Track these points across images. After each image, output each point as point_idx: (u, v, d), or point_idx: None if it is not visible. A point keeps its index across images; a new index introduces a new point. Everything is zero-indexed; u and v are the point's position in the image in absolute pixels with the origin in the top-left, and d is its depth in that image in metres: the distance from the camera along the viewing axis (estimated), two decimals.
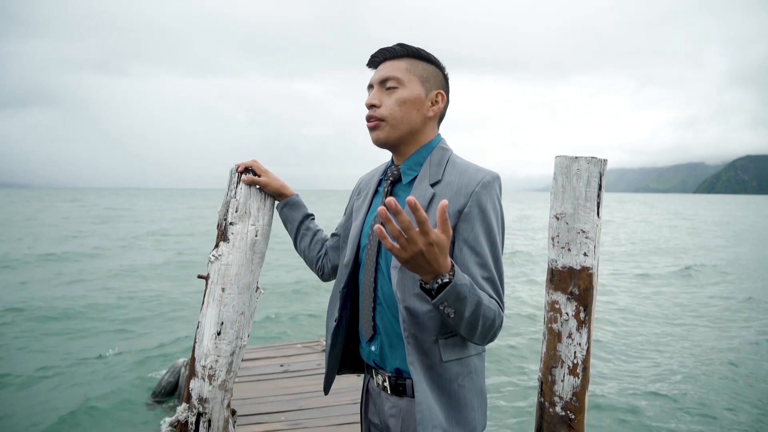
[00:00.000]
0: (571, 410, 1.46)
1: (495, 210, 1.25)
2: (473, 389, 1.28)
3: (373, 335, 1.34)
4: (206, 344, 1.36)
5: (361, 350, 1.43)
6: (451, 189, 1.25)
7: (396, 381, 1.31)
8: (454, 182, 1.26)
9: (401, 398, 1.31)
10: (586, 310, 1.46)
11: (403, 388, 1.30)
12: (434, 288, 1.05)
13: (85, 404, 5.43)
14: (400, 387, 1.30)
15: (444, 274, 1.04)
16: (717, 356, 7.36)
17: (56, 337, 8.01)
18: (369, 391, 1.43)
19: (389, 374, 1.32)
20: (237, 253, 1.40)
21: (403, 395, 1.30)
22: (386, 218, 0.93)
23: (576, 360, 1.46)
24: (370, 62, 1.37)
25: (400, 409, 1.31)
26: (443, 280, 1.04)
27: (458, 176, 1.27)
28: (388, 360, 1.33)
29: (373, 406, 1.40)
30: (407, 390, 1.29)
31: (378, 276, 1.32)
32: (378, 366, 1.36)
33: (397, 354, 1.31)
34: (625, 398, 5.90)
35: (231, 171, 1.49)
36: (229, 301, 1.38)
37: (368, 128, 1.33)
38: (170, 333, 8.32)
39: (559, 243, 1.47)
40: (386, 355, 1.33)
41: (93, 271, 14.36)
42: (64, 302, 10.20)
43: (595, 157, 1.46)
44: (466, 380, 1.27)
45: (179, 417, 1.35)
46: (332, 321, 1.42)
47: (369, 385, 1.43)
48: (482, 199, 1.23)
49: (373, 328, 1.34)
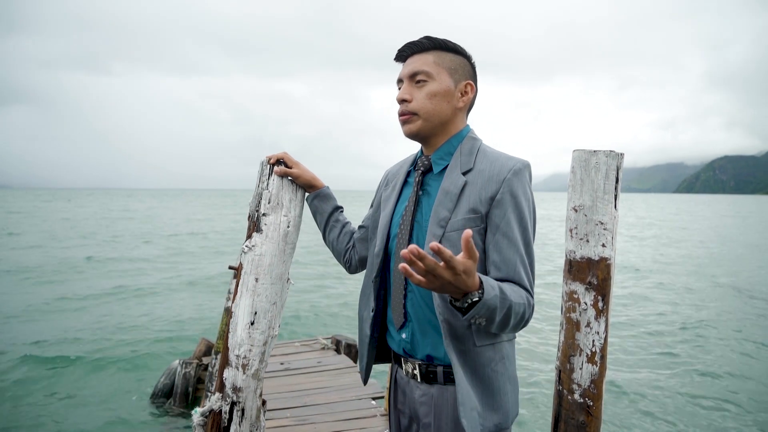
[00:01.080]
0: (589, 397, 1.50)
1: (526, 196, 1.29)
2: (506, 374, 1.32)
3: (404, 323, 1.37)
4: (240, 334, 1.38)
5: (391, 339, 1.44)
6: (483, 177, 1.28)
7: (427, 368, 1.33)
8: (486, 170, 1.29)
9: (431, 386, 1.33)
10: (604, 299, 1.51)
11: (434, 375, 1.32)
12: (464, 306, 1.09)
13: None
14: (431, 374, 1.33)
15: (473, 293, 1.07)
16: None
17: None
18: (397, 381, 1.45)
19: (420, 362, 1.34)
20: (270, 244, 1.42)
21: (434, 382, 1.32)
22: (411, 262, 0.95)
23: (594, 348, 1.50)
24: (398, 56, 1.39)
25: (431, 396, 1.33)
26: (473, 299, 1.07)
27: (489, 164, 1.30)
28: (419, 347, 1.35)
29: (402, 395, 1.42)
30: (438, 377, 1.32)
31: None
32: (408, 354, 1.38)
33: (428, 341, 1.33)
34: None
35: (262, 163, 1.51)
36: (263, 291, 1.40)
37: (400, 122, 1.36)
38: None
39: (577, 234, 1.51)
40: (417, 342, 1.35)
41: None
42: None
43: (613, 151, 1.51)
44: (498, 365, 1.30)
45: (213, 406, 1.37)
46: (368, 311, 1.44)
47: (397, 375, 1.45)
48: (514, 185, 1.26)
49: (404, 316, 1.36)
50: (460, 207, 1.28)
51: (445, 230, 1.27)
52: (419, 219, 1.35)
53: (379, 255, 1.41)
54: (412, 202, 1.37)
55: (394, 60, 1.41)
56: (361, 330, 1.48)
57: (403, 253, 0.94)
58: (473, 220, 1.27)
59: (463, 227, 1.26)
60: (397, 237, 1.38)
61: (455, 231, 1.27)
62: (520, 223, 1.27)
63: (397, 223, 1.40)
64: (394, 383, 1.46)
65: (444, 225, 1.28)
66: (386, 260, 1.43)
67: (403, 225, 1.37)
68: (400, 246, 1.36)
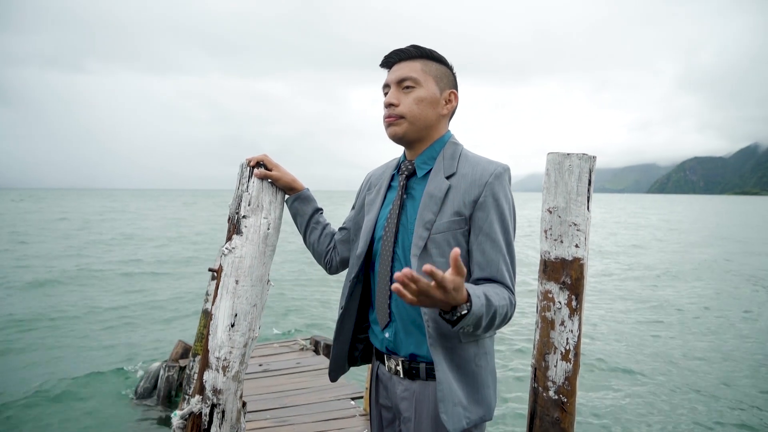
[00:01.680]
0: (563, 394, 1.55)
1: (507, 199, 1.34)
2: (488, 369, 1.37)
3: (389, 322, 1.40)
4: (220, 336, 1.38)
5: (373, 337, 1.48)
6: (466, 181, 1.33)
7: (410, 365, 1.37)
8: (469, 174, 1.34)
9: (414, 381, 1.37)
10: (577, 298, 1.56)
11: (417, 371, 1.36)
12: (453, 319, 1.13)
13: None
14: (413, 371, 1.36)
15: (462, 306, 1.11)
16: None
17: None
18: (379, 377, 1.48)
19: (402, 359, 1.38)
20: (250, 246, 1.43)
21: (416, 378, 1.36)
22: (404, 284, 0.99)
23: (568, 346, 1.55)
24: (384, 63, 1.43)
25: (413, 392, 1.37)
26: (462, 312, 1.11)
27: (472, 169, 1.35)
28: (402, 345, 1.38)
29: (384, 390, 1.46)
30: (420, 373, 1.36)
31: (395, 265, 1.38)
32: (391, 352, 1.41)
33: (412, 340, 1.37)
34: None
35: (242, 165, 1.51)
36: (243, 293, 1.41)
37: (385, 124, 1.39)
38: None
39: (551, 235, 1.56)
40: (401, 340, 1.39)
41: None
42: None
43: (586, 154, 1.56)
44: (482, 360, 1.35)
45: (192, 409, 1.37)
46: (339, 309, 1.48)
47: (379, 371, 1.48)
48: (495, 189, 1.32)
49: (389, 316, 1.40)
50: (444, 210, 1.32)
51: (431, 232, 1.31)
52: (404, 222, 1.39)
53: (361, 257, 1.44)
54: (396, 206, 1.40)
55: (380, 66, 1.45)
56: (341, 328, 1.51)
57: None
58: (457, 222, 1.31)
59: (448, 229, 1.31)
60: (383, 239, 1.41)
61: (440, 233, 1.31)
62: (502, 225, 1.32)
63: (382, 225, 1.43)
64: (376, 379, 1.49)
65: (429, 227, 1.32)
66: (368, 262, 1.46)
67: (388, 227, 1.40)
68: (386, 248, 1.39)
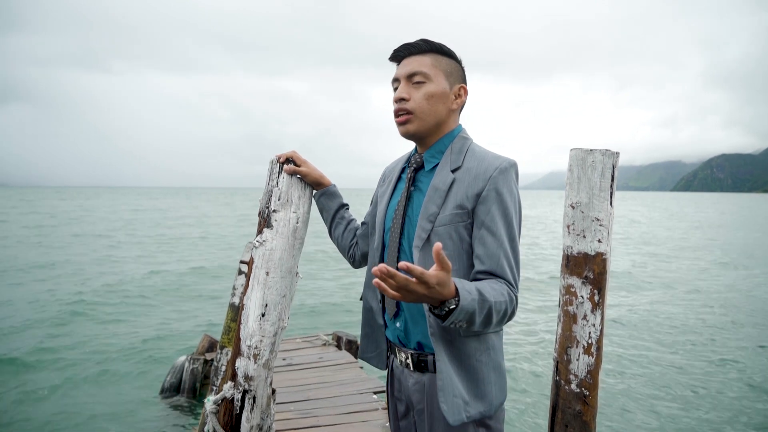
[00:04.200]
0: (585, 387, 1.57)
1: (511, 194, 1.34)
2: (491, 364, 1.36)
3: (397, 312, 1.43)
4: (251, 325, 1.44)
5: (388, 330, 1.51)
6: (470, 174, 1.34)
7: (418, 357, 1.39)
8: (473, 168, 1.35)
9: (423, 374, 1.39)
10: (600, 293, 1.57)
11: (425, 363, 1.38)
12: (442, 314, 1.14)
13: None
14: (422, 363, 1.39)
15: (450, 301, 1.11)
16: None
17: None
18: (393, 370, 1.51)
19: (411, 351, 1.41)
20: (280, 239, 1.48)
21: (425, 371, 1.38)
22: (383, 279, 1.01)
23: (591, 340, 1.57)
24: (394, 57, 1.43)
25: (423, 384, 1.39)
26: (450, 306, 1.12)
27: (477, 163, 1.35)
28: (411, 335, 1.41)
29: (398, 383, 1.48)
30: (429, 365, 1.38)
31: (400, 256, 1.41)
32: (402, 343, 1.44)
33: (419, 329, 1.39)
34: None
35: (272, 161, 1.56)
36: (273, 285, 1.46)
37: (397, 122, 1.40)
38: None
39: (574, 230, 1.58)
40: (410, 330, 1.41)
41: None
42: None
43: (609, 150, 1.57)
44: (483, 356, 1.35)
45: (225, 394, 1.43)
46: (376, 302, 1.51)
47: (393, 365, 1.51)
48: (499, 183, 1.32)
49: (397, 305, 1.43)
50: (448, 203, 1.33)
51: (434, 225, 1.33)
52: (410, 214, 1.41)
53: (378, 249, 1.47)
54: (403, 198, 1.42)
55: (389, 60, 1.45)
56: (373, 320, 1.54)
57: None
58: (460, 215, 1.32)
59: (451, 222, 1.32)
60: (390, 230, 1.43)
61: (443, 226, 1.32)
62: (505, 219, 1.32)
63: (391, 217, 1.45)
64: (391, 372, 1.53)
65: (433, 220, 1.33)
66: (384, 253, 1.49)
67: (396, 219, 1.42)
68: (393, 239, 1.42)
